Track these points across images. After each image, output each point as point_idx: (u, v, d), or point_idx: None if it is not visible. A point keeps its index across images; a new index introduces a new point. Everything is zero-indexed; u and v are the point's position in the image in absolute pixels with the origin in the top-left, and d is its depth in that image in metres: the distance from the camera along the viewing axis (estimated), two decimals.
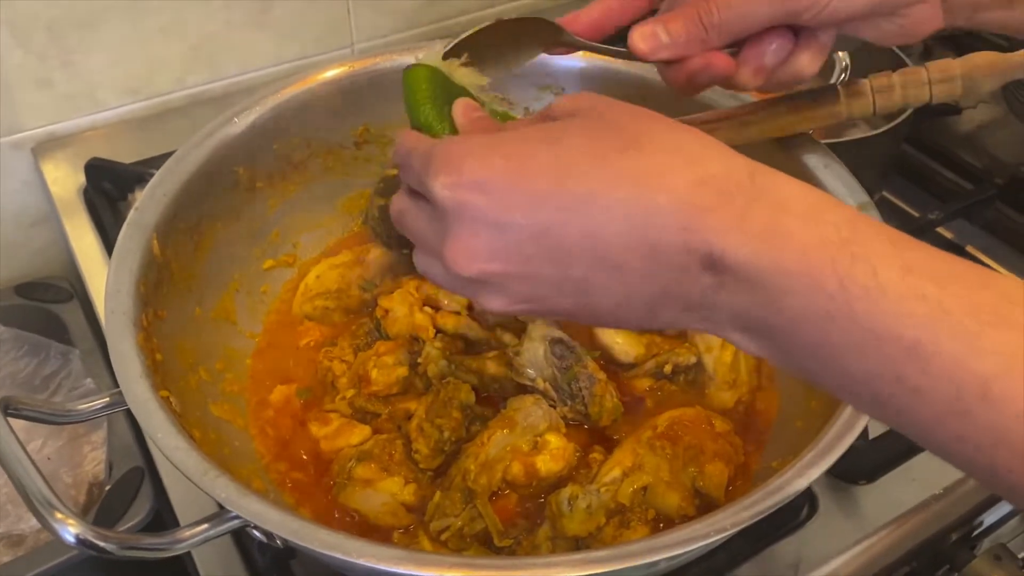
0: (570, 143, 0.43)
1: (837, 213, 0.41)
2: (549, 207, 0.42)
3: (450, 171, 0.43)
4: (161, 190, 0.73)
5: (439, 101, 0.55)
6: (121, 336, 0.63)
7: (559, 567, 0.51)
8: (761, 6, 0.55)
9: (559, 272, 0.43)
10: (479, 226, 0.43)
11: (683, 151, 0.42)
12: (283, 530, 0.52)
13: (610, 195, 0.41)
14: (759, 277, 0.39)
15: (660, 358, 0.76)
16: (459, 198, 0.42)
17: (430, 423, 0.70)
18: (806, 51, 0.59)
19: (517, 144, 0.43)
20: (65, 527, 0.52)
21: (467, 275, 0.44)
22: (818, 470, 0.56)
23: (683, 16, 0.57)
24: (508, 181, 0.42)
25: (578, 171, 0.42)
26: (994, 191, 1.02)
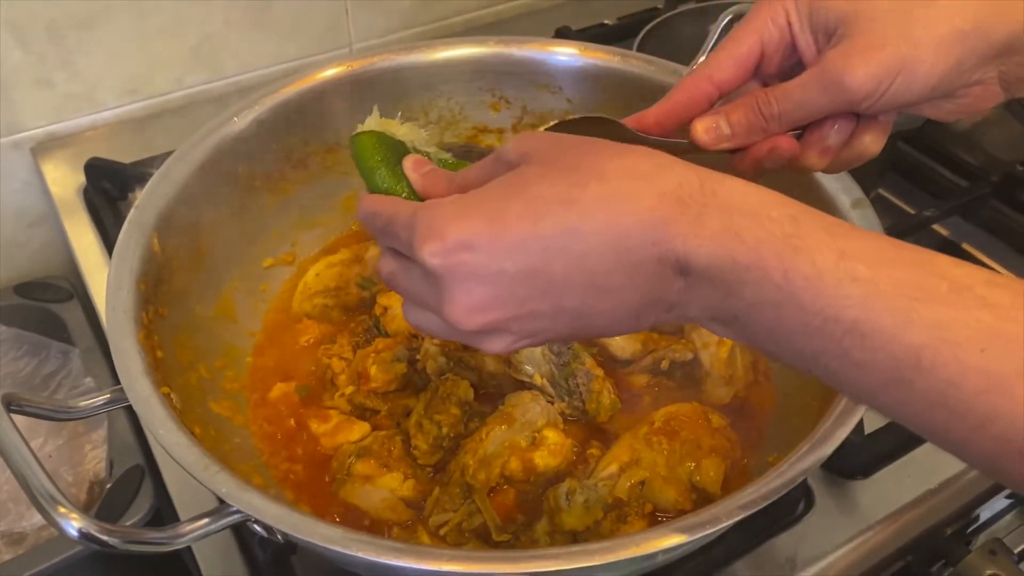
0: (535, 192, 0.46)
1: (781, 210, 0.44)
2: (533, 251, 0.45)
3: (435, 239, 0.46)
4: (161, 189, 0.73)
5: (391, 163, 0.57)
6: (122, 333, 0.63)
7: (556, 559, 0.51)
8: (818, 97, 0.56)
9: (553, 305, 0.47)
10: (472, 283, 0.46)
11: (636, 174, 0.46)
12: (283, 524, 0.53)
13: (584, 228, 0.45)
14: (719, 275, 0.44)
15: (657, 354, 0.76)
16: (449, 262, 0.46)
17: (429, 419, 0.70)
18: (868, 132, 0.60)
19: (489, 202, 0.47)
20: (68, 521, 0.52)
21: (467, 330, 0.47)
22: (813, 464, 0.56)
23: (743, 107, 0.59)
24: (490, 236, 0.45)
25: (550, 214, 0.45)
26: (990, 189, 1.02)
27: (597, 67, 0.86)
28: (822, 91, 0.56)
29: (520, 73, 0.87)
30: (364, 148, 0.58)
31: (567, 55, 0.87)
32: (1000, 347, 0.40)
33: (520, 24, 1.33)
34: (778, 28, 0.59)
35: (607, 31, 1.25)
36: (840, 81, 0.55)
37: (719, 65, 0.60)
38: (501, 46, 0.88)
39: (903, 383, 0.41)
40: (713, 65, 0.60)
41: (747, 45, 0.60)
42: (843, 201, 0.71)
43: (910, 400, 0.42)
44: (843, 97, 0.56)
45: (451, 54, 0.87)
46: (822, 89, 0.56)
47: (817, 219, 0.44)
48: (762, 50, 0.60)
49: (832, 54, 0.56)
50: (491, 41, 0.88)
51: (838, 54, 0.55)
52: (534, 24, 1.32)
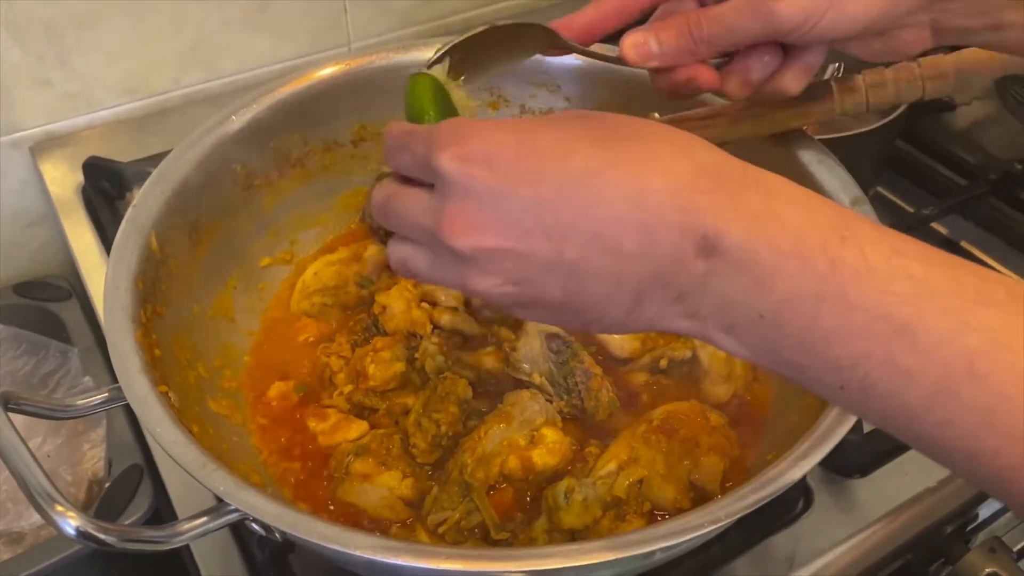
0: (573, 129, 0.44)
1: (826, 205, 0.42)
2: (550, 182, 0.42)
3: (457, 144, 0.43)
4: (159, 187, 0.73)
5: (440, 110, 0.57)
6: (120, 332, 0.63)
7: (555, 557, 0.51)
8: (750, 22, 0.56)
9: (553, 251, 0.43)
10: (481, 197, 0.43)
11: (678, 143, 0.43)
12: (281, 522, 0.53)
13: (609, 174, 0.42)
14: (752, 257, 0.40)
15: (656, 352, 0.76)
16: (465, 170, 0.43)
17: (427, 418, 0.70)
18: (791, 69, 0.60)
19: (522, 125, 0.45)
20: (66, 520, 0.52)
21: (461, 248, 0.43)
22: (811, 461, 0.56)
23: (674, 27, 0.58)
24: (513, 156, 0.43)
25: (580, 151, 0.42)
26: (988, 187, 1.02)
27: (595, 65, 0.85)
28: (753, 17, 0.55)
29: (517, 71, 0.87)
30: (420, 87, 0.57)
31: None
32: None
33: None
34: None
35: None
36: (771, 9, 0.54)
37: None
38: None
39: (950, 396, 0.37)
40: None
41: None
42: (842, 199, 0.71)
43: (956, 419, 0.38)
44: (773, 26, 0.55)
45: None
46: (753, 15, 0.55)
47: (865, 219, 0.41)
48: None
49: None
50: None
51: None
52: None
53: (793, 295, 0.39)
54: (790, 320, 0.40)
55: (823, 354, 0.40)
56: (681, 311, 0.43)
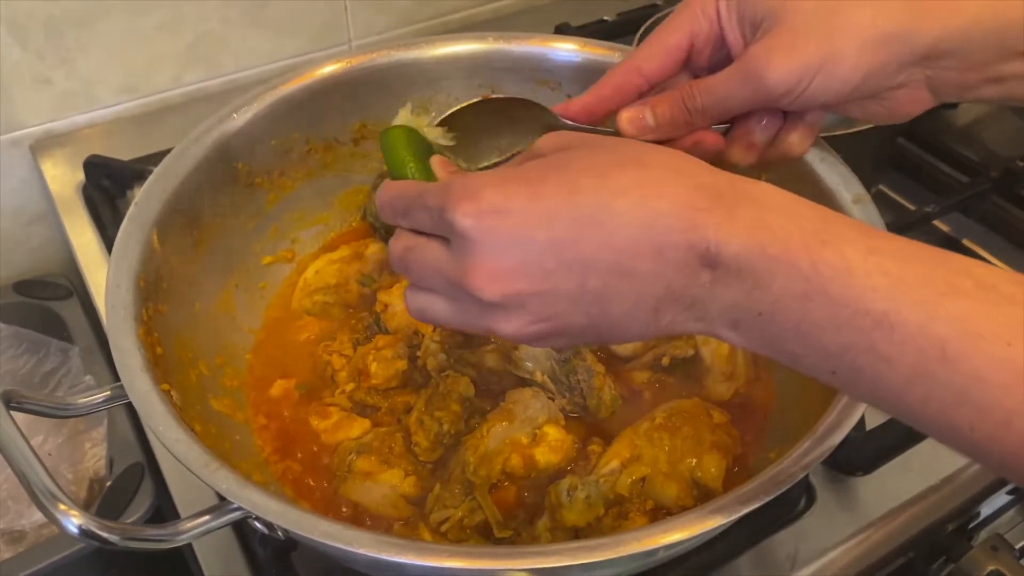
0: (575, 167, 0.46)
1: (810, 209, 0.45)
2: (565, 221, 0.45)
3: (471, 200, 0.45)
4: (160, 186, 0.73)
5: (420, 158, 0.59)
6: (122, 330, 0.63)
7: (557, 555, 0.51)
8: (740, 90, 0.57)
9: (577, 284, 0.46)
10: (502, 248, 0.45)
11: (674, 165, 0.46)
12: (284, 520, 0.53)
13: (618, 205, 0.44)
14: (748, 266, 0.44)
15: (658, 350, 0.76)
16: (483, 224, 0.45)
17: (429, 416, 0.70)
18: (794, 131, 0.62)
19: (527, 172, 0.47)
20: (68, 518, 0.52)
21: (488, 298, 0.46)
22: (814, 459, 0.56)
23: (668, 100, 0.60)
24: (525, 203, 0.45)
25: (587, 187, 0.45)
26: (989, 184, 1.02)
27: (597, 63, 0.85)
28: (743, 85, 0.57)
29: (519, 69, 0.87)
30: (395, 140, 0.58)
31: (566, 51, 0.86)
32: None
33: (519, 20, 1.33)
34: (708, 20, 0.60)
35: (607, 27, 1.25)
36: (760, 76, 0.55)
37: (648, 56, 0.61)
38: (500, 42, 0.87)
39: (928, 377, 0.41)
40: (642, 56, 0.61)
41: (676, 37, 0.60)
42: (844, 196, 0.71)
43: (934, 396, 0.41)
44: (763, 92, 0.56)
45: (450, 50, 0.87)
46: (743, 83, 0.57)
47: (846, 220, 0.45)
48: (691, 42, 0.60)
49: (754, 48, 0.56)
50: (490, 37, 0.87)
51: (760, 48, 0.56)
52: (533, 20, 1.32)
53: (785, 295, 0.43)
54: (784, 317, 0.44)
55: (815, 344, 0.44)
56: (692, 316, 0.47)
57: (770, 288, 0.43)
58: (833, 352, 0.43)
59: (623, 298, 0.46)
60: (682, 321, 0.47)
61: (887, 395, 0.43)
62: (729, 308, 0.45)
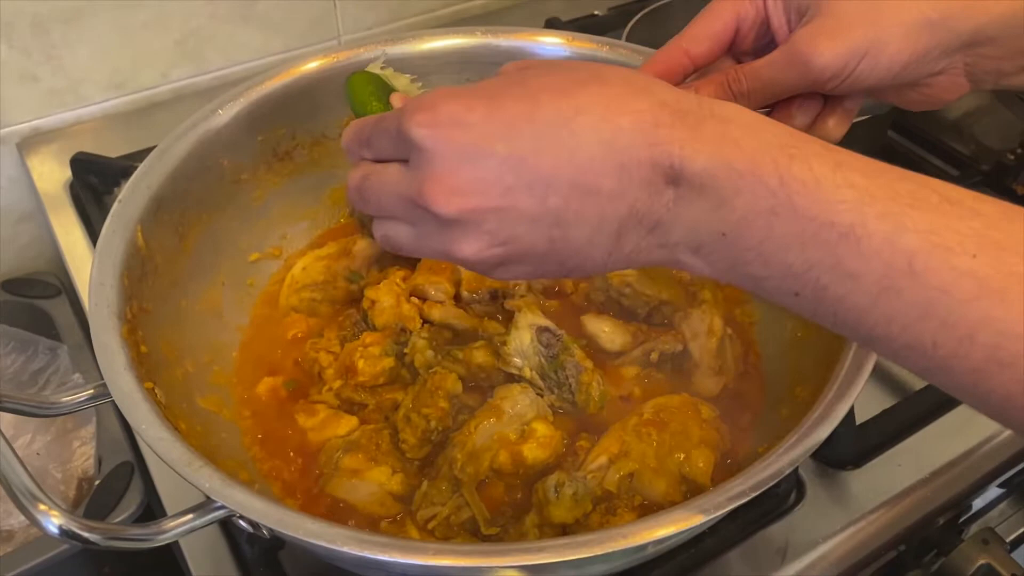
0: (536, 82, 0.45)
1: (775, 126, 0.44)
2: (525, 136, 0.43)
3: (427, 111, 0.44)
4: (145, 182, 0.72)
5: (383, 100, 0.58)
6: (105, 329, 0.62)
7: (545, 552, 0.51)
8: (787, 75, 0.57)
9: (537, 202, 0.44)
10: (459, 160, 0.44)
11: (637, 83, 0.45)
12: (268, 519, 0.52)
13: (580, 121, 0.43)
14: (712, 182, 0.43)
15: (646, 346, 0.76)
16: (438, 134, 0.44)
17: (417, 413, 0.69)
18: (832, 115, 0.61)
19: (486, 87, 0.46)
20: (48, 518, 0.51)
21: (446, 212, 0.44)
22: (802, 453, 0.56)
23: (714, 83, 0.59)
24: (484, 115, 0.44)
25: (548, 102, 0.44)
26: (981, 177, 1.02)
27: (584, 57, 0.85)
28: (789, 69, 0.56)
29: (506, 58, 0.87)
30: (359, 83, 0.59)
31: (554, 45, 0.86)
32: (991, 254, 0.39)
33: (510, 15, 1.32)
34: (754, 5, 0.60)
35: (597, 21, 1.24)
36: (807, 60, 0.55)
37: (695, 39, 0.61)
38: (488, 36, 0.87)
39: (894, 292, 0.40)
40: (689, 39, 0.61)
41: (723, 21, 0.60)
42: None
43: (900, 313, 0.41)
44: (809, 76, 0.56)
45: (438, 45, 0.87)
46: (789, 67, 0.56)
47: (812, 138, 0.44)
48: (737, 27, 0.61)
49: (800, 33, 0.56)
50: (478, 31, 0.87)
51: (806, 33, 0.56)
52: (524, 15, 1.31)
53: (750, 211, 0.42)
54: (749, 234, 0.43)
55: (780, 263, 0.43)
56: (655, 241, 0.46)
57: (734, 205, 0.43)
58: (797, 271, 0.42)
59: (585, 219, 0.45)
60: (645, 248, 0.46)
61: (851, 315, 0.42)
62: (692, 229, 0.44)
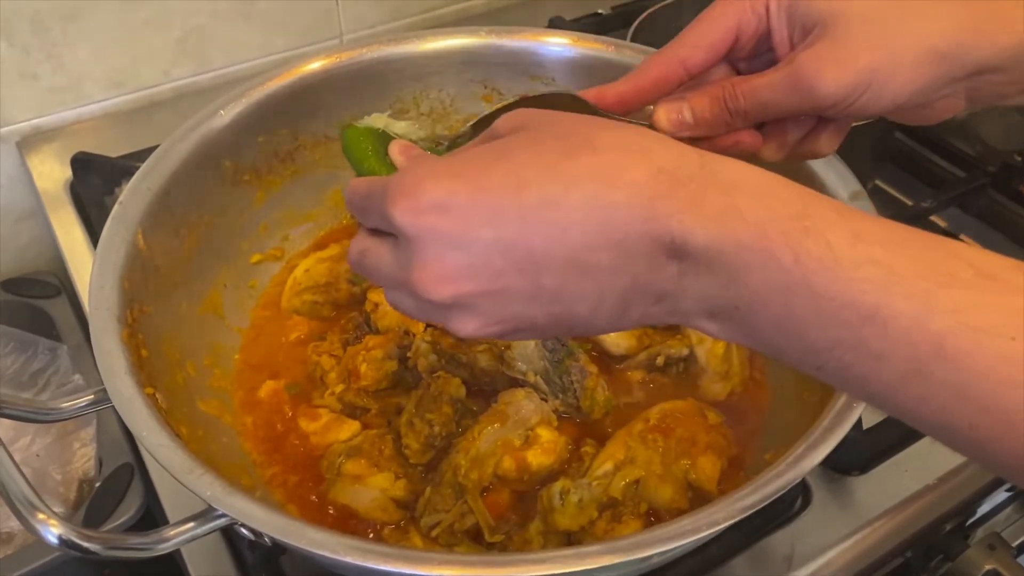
0: (521, 158, 0.43)
1: (787, 190, 0.42)
2: (511, 219, 0.42)
3: (408, 197, 0.43)
4: (146, 184, 0.72)
5: (380, 152, 0.57)
6: (105, 332, 0.62)
7: (550, 563, 0.50)
8: (788, 99, 0.55)
9: (531, 283, 0.43)
10: (445, 248, 0.42)
11: (631, 148, 0.43)
12: (270, 528, 0.52)
13: (571, 199, 0.41)
14: (719, 258, 0.40)
15: (652, 350, 0.75)
16: (421, 223, 0.42)
17: (420, 418, 0.69)
18: (825, 131, 0.60)
19: (468, 163, 0.44)
20: (47, 528, 0.51)
21: (438, 300, 0.43)
22: (811, 462, 0.55)
23: (709, 98, 0.57)
24: (466, 199, 0.42)
25: (534, 182, 0.42)
26: (987, 179, 1.01)
27: (590, 57, 0.84)
28: (791, 94, 0.55)
29: (512, 64, 0.86)
30: (354, 138, 0.58)
31: (559, 45, 0.85)
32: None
33: (513, 14, 1.32)
34: (756, 16, 0.58)
35: (601, 20, 1.24)
36: (811, 87, 0.54)
37: (692, 48, 0.58)
38: (492, 36, 0.86)
39: (923, 375, 0.38)
40: (686, 48, 0.59)
41: (723, 30, 0.58)
42: (840, 193, 0.70)
43: (931, 396, 0.38)
44: (812, 103, 0.54)
45: (441, 45, 0.86)
46: (791, 92, 0.55)
47: (826, 201, 0.42)
48: (737, 36, 0.58)
49: (806, 57, 0.54)
50: (482, 31, 0.86)
51: (812, 57, 0.54)
52: (527, 14, 1.30)
53: (763, 288, 0.40)
54: (765, 310, 0.41)
55: (799, 339, 0.41)
56: (664, 310, 0.44)
57: (746, 281, 0.40)
58: (820, 348, 0.40)
59: (584, 295, 0.43)
60: (655, 314, 0.44)
61: (879, 392, 0.40)
62: (702, 299, 0.42)
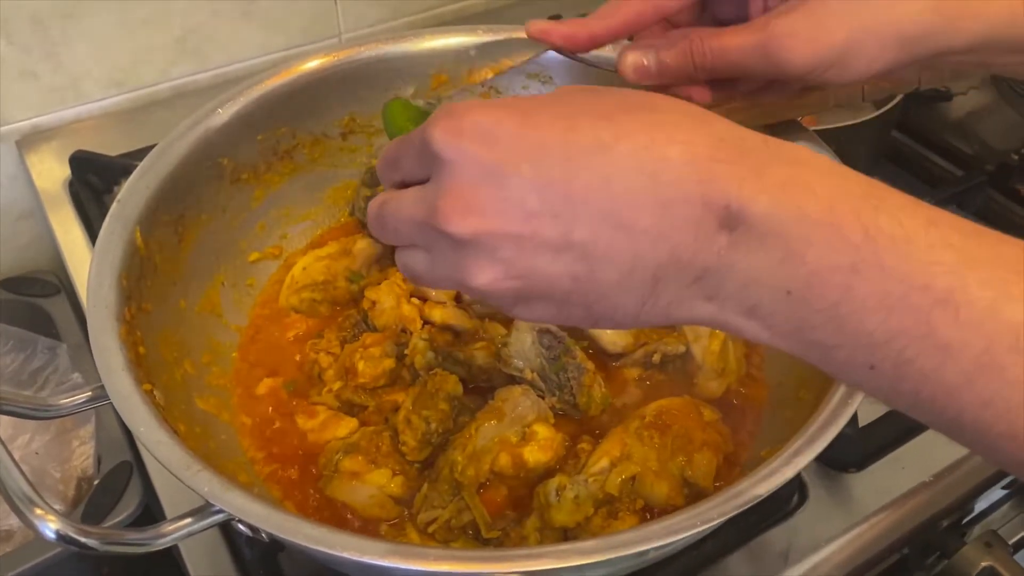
0: (578, 103, 0.40)
1: (855, 172, 0.39)
2: (555, 158, 0.39)
3: (452, 118, 0.40)
4: (144, 182, 0.72)
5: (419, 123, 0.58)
6: (103, 330, 0.62)
7: (546, 558, 0.50)
8: (755, 63, 0.56)
9: (561, 232, 0.39)
10: (480, 176, 0.39)
11: (693, 114, 0.40)
12: (267, 524, 0.52)
13: (621, 147, 0.38)
14: (780, 228, 0.37)
15: (649, 347, 0.75)
16: (461, 146, 0.39)
17: (417, 415, 0.69)
18: (771, 91, 0.62)
19: (522, 100, 0.41)
20: (45, 523, 0.51)
21: (459, 232, 0.40)
22: (805, 459, 0.56)
23: (677, 51, 0.58)
24: (514, 131, 0.39)
25: (586, 125, 0.39)
26: (984, 177, 1.01)
27: (587, 56, 0.84)
28: (759, 60, 0.56)
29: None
30: (394, 112, 0.59)
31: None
32: None
33: (512, 13, 1.32)
34: None
35: None
36: (780, 59, 0.55)
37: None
38: (491, 35, 0.86)
39: (994, 371, 0.35)
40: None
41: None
42: None
43: (999, 396, 0.35)
44: (778, 71, 0.55)
45: (440, 43, 0.86)
46: (760, 59, 0.55)
47: (896, 190, 0.39)
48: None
49: (780, 28, 0.54)
50: (480, 29, 0.86)
51: (784, 28, 0.54)
52: (526, 12, 1.30)
53: (824, 266, 0.37)
54: (821, 294, 0.37)
55: (855, 330, 0.37)
56: (699, 293, 0.40)
57: (805, 258, 0.37)
58: (878, 339, 0.36)
59: (615, 257, 0.39)
60: (687, 300, 0.40)
61: (938, 395, 0.37)
62: (748, 283, 0.38)
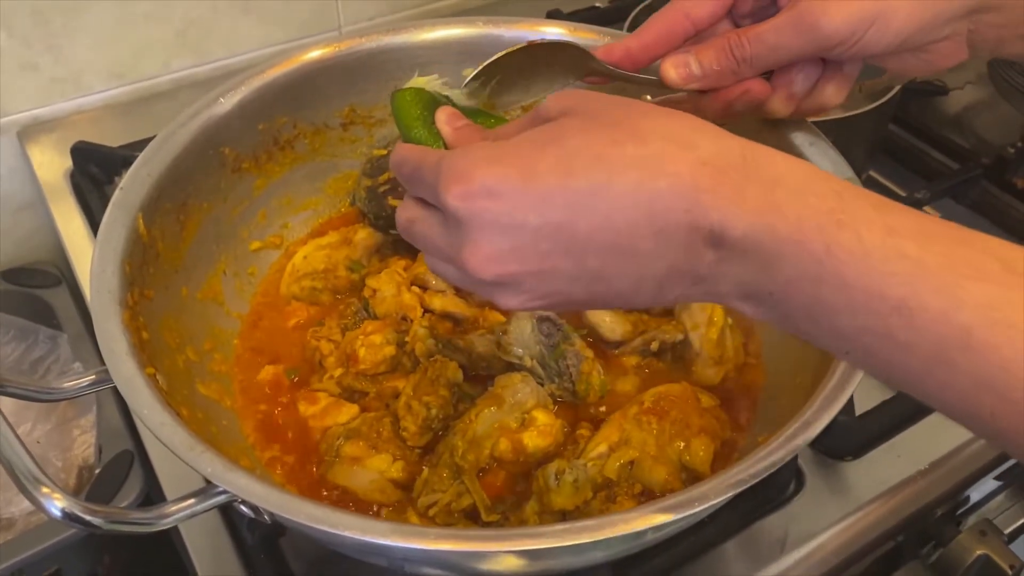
0: (570, 145, 0.45)
1: (824, 185, 0.43)
2: (558, 204, 0.44)
3: (461, 182, 0.45)
4: (146, 170, 0.72)
5: (428, 120, 0.58)
6: (107, 315, 0.62)
7: (544, 537, 0.51)
8: (793, 40, 0.56)
9: (575, 265, 0.45)
10: (494, 231, 0.45)
11: (677, 138, 0.44)
12: (269, 503, 0.53)
13: (616, 186, 0.43)
14: (755, 248, 0.42)
15: (647, 335, 0.76)
16: (473, 207, 0.44)
17: (418, 401, 0.70)
18: (832, 81, 0.61)
19: (520, 149, 0.46)
20: (51, 501, 0.52)
21: (484, 279, 0.46)
22: (802, 443, 0.56)
23: (715, 48, 0.59)
24: (517, 185, 0.44)
25: (581, 168, 0.44)
26: (980, 171, 1.02)
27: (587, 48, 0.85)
28: (796, 35, 0.56)
29: None
30: (403, 103, 0.59)
31: (556, 36, 0.86)
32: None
33: (511, 6, 1.32)
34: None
35: (599, 14, 1.25)
36: (816, 26, 0.55)
37: (697, 0, 0.60)
38: (490, 27, 0.87)
39: (948, 365, 0.39)
40: (690, 0, 0.60)
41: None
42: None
43: (955, 383, 0.40)
44: (817, 43, 0.56)
45: (439, 35, 0.86)
46: (796, 33, 0.56)
47: (863, 195, 0.43)
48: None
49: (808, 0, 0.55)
50: (479, 22, 0.87)
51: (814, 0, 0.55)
52: (525, 7, 1.31)
53: (795, 277, 0.42)
54: (796, 298, 0.43)
55: (829, 325, 0.43)
56: (701, 291, 0.46)
57: (780, 270, 0.42)
58: (848, 334, 0.42)
59: (624, 276, 0.45)
60: (693, 294, 0.46)
61: (903, 378, 0.42)
62: (737, 284, 0.45)
